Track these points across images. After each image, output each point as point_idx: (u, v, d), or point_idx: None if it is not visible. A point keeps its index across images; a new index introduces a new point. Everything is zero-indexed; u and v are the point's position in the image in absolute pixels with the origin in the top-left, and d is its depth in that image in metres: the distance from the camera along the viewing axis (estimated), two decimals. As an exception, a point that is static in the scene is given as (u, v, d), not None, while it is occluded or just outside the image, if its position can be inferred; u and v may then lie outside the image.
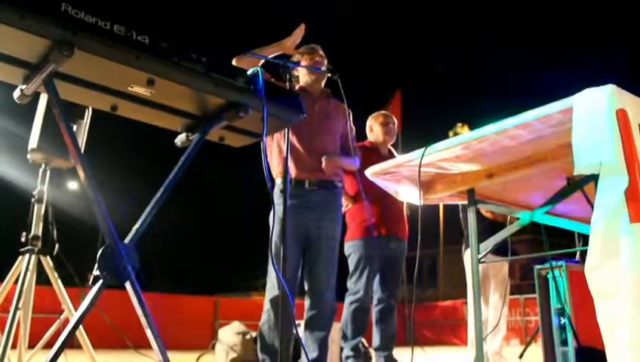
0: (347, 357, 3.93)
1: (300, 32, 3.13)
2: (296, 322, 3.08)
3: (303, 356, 3.35)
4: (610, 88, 1.59)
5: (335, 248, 3.30)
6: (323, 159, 3.25)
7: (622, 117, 1.54)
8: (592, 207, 1.57)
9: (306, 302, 3.25)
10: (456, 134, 4.77)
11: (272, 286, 3.11)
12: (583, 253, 1.57)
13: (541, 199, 2.24)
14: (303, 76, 3.45)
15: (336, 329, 5.22)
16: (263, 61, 3.07)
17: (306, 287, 3.27)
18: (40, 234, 3.05)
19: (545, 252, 2.50)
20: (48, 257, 3.04)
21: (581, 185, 1.94)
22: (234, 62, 3.06)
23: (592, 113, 1.58)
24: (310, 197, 3.23)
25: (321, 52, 3.42)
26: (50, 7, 1.39)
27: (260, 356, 3.11)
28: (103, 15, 1.49)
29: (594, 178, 1.60)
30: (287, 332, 2.78)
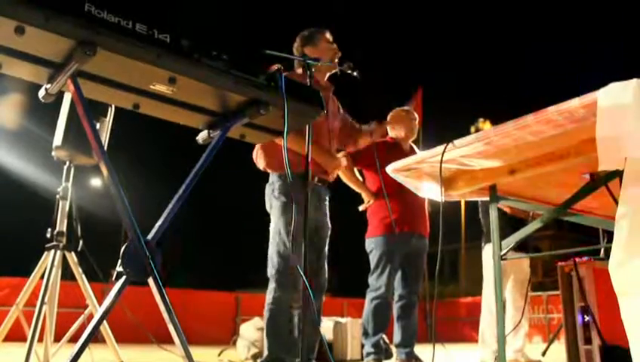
0: (368, 354, 3.93)
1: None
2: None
3: None
4: (635, 83, 1.56)
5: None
6: (342, 159, 3.38)
7: (647, 112, 1.51)
8: (617, 203, 1.55)
9: None
10: (477, 129, 4.71)
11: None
12: (608, 250, 1.55)
13: (564, 195, 2.21)
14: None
15: (357, 326, 5.23)
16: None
17: None
18: (65, 230, 3.10)
19: (568, 249, 2.47)
20: (73, 253, 3.08)
21: (605, 181, 1.91)
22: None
23: (616, 108, 1.56)
24: (319, 193, 3.28)
25: (328, 35, 3.34)
26: (74, 8, 1.41)
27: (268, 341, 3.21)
28: (125, 14, 1.51)
29: (618, 174, 1.58)
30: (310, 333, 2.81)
